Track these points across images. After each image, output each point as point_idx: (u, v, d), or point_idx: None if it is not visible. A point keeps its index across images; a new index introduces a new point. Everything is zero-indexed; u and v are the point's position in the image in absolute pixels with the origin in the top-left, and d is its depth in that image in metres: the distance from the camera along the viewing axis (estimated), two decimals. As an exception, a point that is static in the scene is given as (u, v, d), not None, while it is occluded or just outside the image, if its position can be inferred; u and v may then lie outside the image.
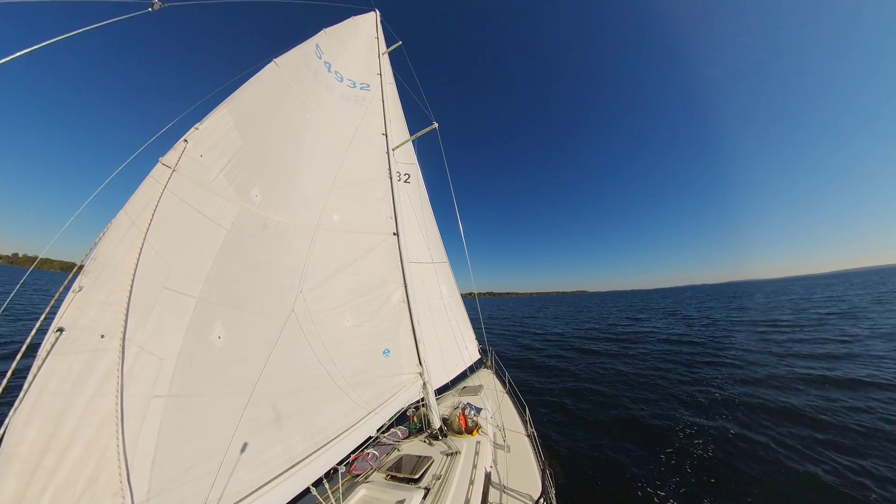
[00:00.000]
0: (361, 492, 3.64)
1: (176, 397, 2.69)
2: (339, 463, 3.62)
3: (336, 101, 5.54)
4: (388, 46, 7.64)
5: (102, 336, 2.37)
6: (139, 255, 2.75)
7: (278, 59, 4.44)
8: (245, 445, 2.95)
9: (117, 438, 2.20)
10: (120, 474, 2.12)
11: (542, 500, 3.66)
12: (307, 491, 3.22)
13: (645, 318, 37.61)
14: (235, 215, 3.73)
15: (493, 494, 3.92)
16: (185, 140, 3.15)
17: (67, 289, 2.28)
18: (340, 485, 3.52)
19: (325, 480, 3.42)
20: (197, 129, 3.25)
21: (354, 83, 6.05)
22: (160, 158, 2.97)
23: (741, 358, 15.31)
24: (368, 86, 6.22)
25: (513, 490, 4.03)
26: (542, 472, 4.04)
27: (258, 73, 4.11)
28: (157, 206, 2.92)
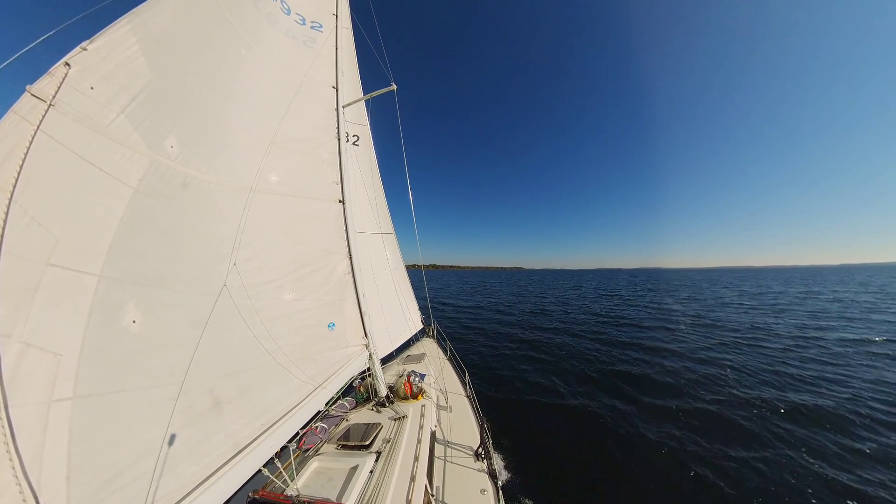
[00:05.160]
0: (314, 465, 3.68)
1: (86, 398, 2.23)
2: (289, 441, 3.56)
3: (280, 38, 4.49)
4: (348, -17, 6.37)
5: None
6: (5, 221, 2.04)
7: None
8: (182, 439, 2.67)
9: (11, 458, 1.76)
10: (24, 500, 1.73)
11: (480, 449, 4.29)
12: (258, 471, 3.13)
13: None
14: (145, 170, 2.98)
15: (439, 449, 4.41)
16: (67, 64, 2.27)
17: None
18: (292, 461, 3.50)
19: (275, 459, 3.35)
20: (85, 49, 2.35)
21: (304, 19, 4.93)
22: (28, 87, 2.11)
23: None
24: (321, 26, 5.14)
25: (455, 444, 4.59)
26: (480, 426, 4.67)
27: None
28: (26, 155, 2.14)
